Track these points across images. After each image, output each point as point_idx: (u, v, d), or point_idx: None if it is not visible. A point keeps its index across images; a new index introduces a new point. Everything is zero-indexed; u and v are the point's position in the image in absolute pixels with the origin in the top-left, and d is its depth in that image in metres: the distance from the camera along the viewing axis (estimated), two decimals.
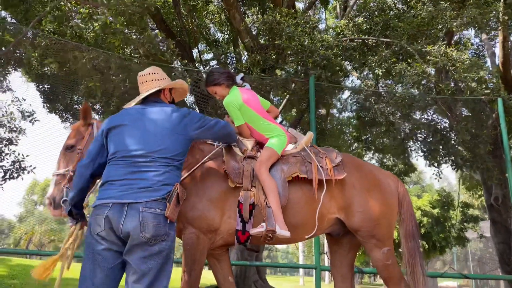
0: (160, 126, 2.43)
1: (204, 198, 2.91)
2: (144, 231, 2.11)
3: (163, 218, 2.18)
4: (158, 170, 2.28)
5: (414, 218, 3.26)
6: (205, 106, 9.28)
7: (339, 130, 12.07)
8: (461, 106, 8.32)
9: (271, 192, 2.88)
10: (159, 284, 2.12)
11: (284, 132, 3.24)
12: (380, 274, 3.09)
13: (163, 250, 2.15)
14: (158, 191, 2.22)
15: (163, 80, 2.73)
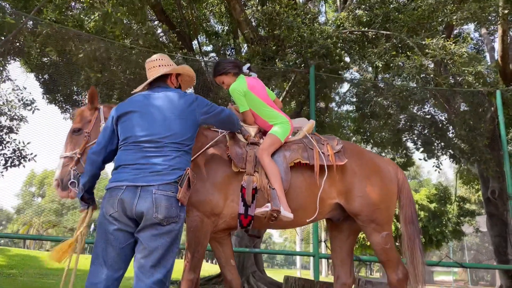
0: (168, 111, 2.47)
1: (208, 183, 2.97)
2: (157, 212, 2.19)
3: (175, 201, 2.26)
4: (168, 155, 2.35)
5: (413, 204, 3.33)
6: (205, 97, 9.30)
7: (337, 123, 12.11)
8: (459, 99, 8.37)
9: (273, 176, 2.94)
10: (166, 262, 2.20)
11: (288, 120, 3.29)
12: (379, 257, 3.16)
13: (172, 230, 2.24)
14: (169, 175, 2.29)
15: (170, 66, 2.76)
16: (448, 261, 6.80)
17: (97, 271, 2.25)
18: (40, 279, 11.36)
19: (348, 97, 12.21)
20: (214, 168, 3.04)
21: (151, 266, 2.15)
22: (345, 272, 3.39)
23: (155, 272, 2.15)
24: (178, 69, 2.80)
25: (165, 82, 2.74)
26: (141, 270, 2.17)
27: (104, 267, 2.24)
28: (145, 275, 2.15)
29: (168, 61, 2.79)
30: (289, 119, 3.33)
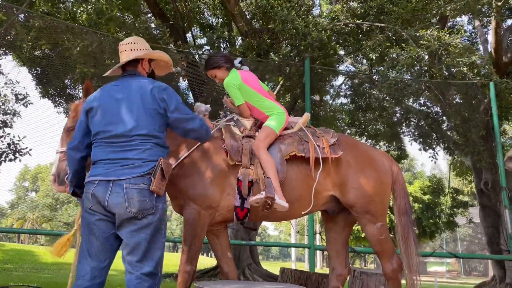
0: (135, 102, 2.38)
1: (204, 176, 2.99)
2: (130, 206, 2.16)
3: (148, 193, 2.21)
4: (139, 148, 2.29)
5: (407, 195, 3.36)
6: (199, 90, 9.29)
7: (332, 116, 12.14)
8: (453, 91, 8.42)
9: (269, 168, 2.95)
10: (152, 254, 2.19)
11: (283, 110, 3.30)
12: (374, 248, 3.19)
13: (151, 222, 2.20)
14: (141, 167, 2.24)
15: (142, 50, 2.60)
16: (441, 251, 6.88)
17: (83, 263, 2.26)
18: (35, 273, 11.37)
19: (342, 90, 12.24)
20: (210, 162, 3.05)
21: (137, 261, 2.16)
22: (341, 263, 3.43)
23: (144, 265, 2.15)
24: (149, 54, 2.64)
25: (135, 67, 2.60)
26: (129, 265, 2.19)
27: (89, 258, 2.25)
28: (134, 269, 2.17)
29: (142, 45, 2.63)
30: (284, 110, 3.34)
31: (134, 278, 2.14)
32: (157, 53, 2.69)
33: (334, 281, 3.39)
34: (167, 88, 2.48)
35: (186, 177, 3.00)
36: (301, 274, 4.35)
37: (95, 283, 2.22)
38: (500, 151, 6.34)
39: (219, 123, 3.31)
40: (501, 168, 6.23)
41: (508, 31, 11.66)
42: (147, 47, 2.66)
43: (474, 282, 16.87)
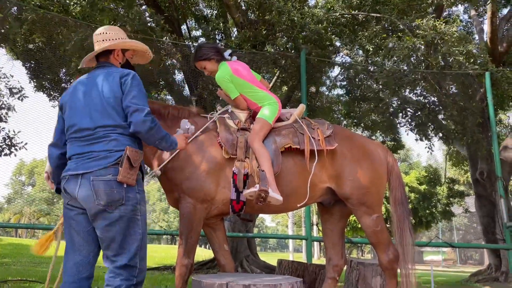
0: (99, 93, 2.32)
1: (199, 169, 2.98)
2: (98, 199, 2.13)
3: (116, 184, 2.16)
4: (104, 140, 2.24)
5: (402, 186, 3.38)
6: (194, 82, 9.25)
7: (328, 107, 12.13)
8: (449, 81, 8.42)
9: (264, 161, 2.95)
10: (129, 246, 2.15)
11: (276, 100, 3.30)
12: (370, 239, 3.21)
13: (124, 215, 2.16)
14: (106, 159, 2.19)
15: (114, 40, 2.51)
16: (437, 241, 6.93)
17: (67, 258, 2.25)
18: (33, 267, 11.37)
19: (339, 81, 12.21)
20: (205, 155, 3.04)
21: (113, 255, 2.14)
22: (337, 254, 3.45)
23: (119, 258, 2.13)
24: (119, 44, 2.53)
25: (107, 58, 2.51)
26: (106, 259, 2.18)
27: (72, 253, 2.24)
28: (109, 263, 2.16)
29: (114, 35, 2.52)
30: (277, 99, 3.33)
31: (108, 272, 2.14)
32: (129, 43, 2.59)
33: (331, 271, 3.42)
34: (129, 74, 2.36)
35: (180, 170, 2.99)
36: (299, 265, 4.38)
37: (81, 277, 2.21)
38: (496, 140, 6.36)
39: (214, 115, 3.30)
40: (497, 157, 6.26)
41: (504, 21, 11.64)
42: (122, 37, 2.55)
43: (470, 270, 17.04)
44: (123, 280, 2.10)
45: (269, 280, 2.28)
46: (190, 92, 10.05)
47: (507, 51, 10.98)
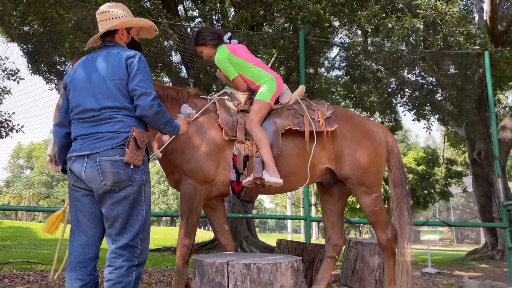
0: (104, 74, 2.30)
1: (199, 151, 2.99)
2: (104, 180, 2.14)
3: (123, 164, 2.16)
4: (110, 121, 2.23)
5: (402, 166, 3.39)
6: (191, 64, 9.18)
7: (327, 89, 12.08)
8: (448, 61, 8.36)
9: (262, 145, 2.95)
10: (131, 227, 2.17)
11: (273, 77, 3.26)
12: (369, 219, 3.25)
13: (129, 195, 2.17)
14: (113, 139, 2.19)
15: (118, 19, 2.46)
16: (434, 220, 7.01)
17: (73, 239, 2.27)
18: (34, 250, 11.49)
19: (337, 62, 12.13)
20: (205, 137, 3.05)
21: (116, 234, 2.16)
22: (336, 233, 3.49)
23: (121, 238, 2.15)
24: (123, 23, 2.48)
25: (113, 38, 2.47)
26: (109, 238, 2.20)
27: (78, 234, 2.26)
28: (111, 242, 2.18)
29: (116, 13, 2.46)
30: (275, 75, 3.30)
31: (110, 253, 2.16)
32: (132, 21, 2.54)
33: (330, 251, 3.46)
34: (135, 56, 2.33)
35: (181, 152, 3.00)
36: (297, 245, 4.43)
37: (87, 258, 2.23)
38: (494, 120, 6.36)
39: (213, 97, 3.29)
40: (495, 137, 6.27)
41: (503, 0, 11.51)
42: (125, 14, 2.50)
43: (466, 249, 17.31)
44: (125, 260, 2.12)
45: (270, 259, 2.31)
46: (187, 73, 9.98)
47: (507, 30, 10.90)
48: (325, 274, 3.43)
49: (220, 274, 2.14)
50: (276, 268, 2.15)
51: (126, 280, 2.10)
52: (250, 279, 2.11)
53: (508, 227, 5.81)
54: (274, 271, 2.14)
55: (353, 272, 5.11)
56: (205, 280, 2.18)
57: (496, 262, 10.25)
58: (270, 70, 3.34)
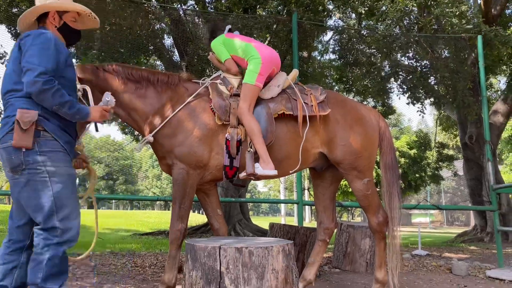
0: (12, 58, 2.29)
1: (192, 136, 2.98)
2: (5, 167, 2.21)
3: (13, 150, 2.16)
4: (7, 107, 2.25)
5: (393, 151, 3.41)
6: (184, 48, 9.07)
7: (320, 73, 12.03)
8: (442, 44, 8.33)
9: (254, 135, 2.94)
10: (41, 209, 2.18)
11: (259, 56, 3.15)
12: (360, 203, 3.28)
13: (29, 179, 2.18)
14: (6, 125, 2.21)
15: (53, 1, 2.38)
16: (425, 204, 7.08)
17: (11, 222, 2.39)
18: None
19: (331, 46, 12.05)
20: (197, 121, 3.04)
21: (34, 216, 2.23)
22: (328, 217, 3.53)
23: (37, 219, 2.20)
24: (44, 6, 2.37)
25: (44, 22, 2.42)
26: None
27: (10, 219, 2.38)
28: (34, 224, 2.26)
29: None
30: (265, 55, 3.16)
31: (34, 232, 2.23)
32: (60, 4, 2.42)
33: (322, 234, 3.50)
34: (31, 34, 2.24)
35: (172, 136, 2.99)
36: (290, 228, 4.48)
37: (11, 240, 2.35)
38: (486, 104, 6.38)
39: (206, 81, 3.27)
40: (486, 121, 6.30)
41: None
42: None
43: (456, 231, 17.59)
44: (42, 239, 2.17)
45: (261, 243, 2.33)
46: (179, 57, 9.88)
47: (500, 14, 10.87)
48: (317, 257, 3.47)
49: (212, 258, 2.16)
50: (267, 252, 2.18)
51: (40, 258, 2.15)
52: (242, 263, 2.13)
53: (497, 210, 5.89)
54: (265, 255, 2.17)
55: (345, 255, 5.20)
56: (198, 264, 2.20)
57: (485, 244, 10.44)
58: (263, 49, 3.22)
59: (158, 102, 3.12)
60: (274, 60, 3.22)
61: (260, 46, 3.26)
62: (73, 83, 2.46)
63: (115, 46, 7.88)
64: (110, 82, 3.12)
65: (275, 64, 3.24)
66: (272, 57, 3.21)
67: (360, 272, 4.99)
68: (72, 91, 2.42)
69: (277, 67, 3.27)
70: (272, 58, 3.21)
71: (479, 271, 5.27)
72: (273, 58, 3.22)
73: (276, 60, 3.24)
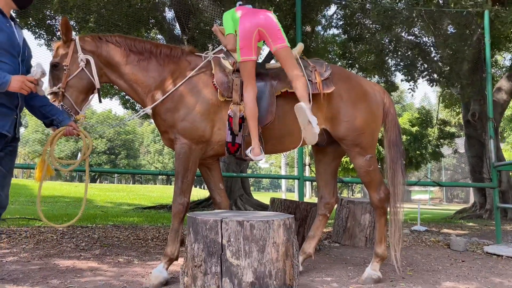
0: None
1: (194, 111, 2.97)
2: None
3: None
4: None
5: (398, 127, 3.39)
6: (186, 21, 8.93)
7: (323, 48, 11.88)
8: (446, 20, 8.18)
9: (250, 119, 2.92)
10: None
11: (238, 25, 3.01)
12: (362, 179, 3.28)
13: None
14: None
15: None
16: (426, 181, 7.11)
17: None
18: (32, 206, 11.63)
19: (334, 20, 11.85)
20: (200, 96, 3.02)
21: None
22: (329, 192, 3.54)
23: None
24: None
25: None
26: None
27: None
28: None
29: None
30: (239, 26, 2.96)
31: None
32: None
33: (322, 209, 3.53)
34: None
35: (175, 111, 2.98)
36: (290, 203, 4.51)
37: None
38: (490, 82, 6.31)
39: (208, 55, 3.22)
40: (490, 99, 6.26)
41: None
42: None
43: (455, 208, 17.74)
44: None
45: (262, 216, 2.35)
46: (181, 31, 9.74)
47: None
48: (317, 231, 3.51)
49: (214, 231, 2.18)
50: (268, 226, 2.20)
51: None
52: (243, 236, 2.15)
53: (497, 187, 5.92)
54: (266, 228, 2.19)
55: (344, 230, 5.26)
56: (199, 236, 2.23)
57: (484, 221, 10.55)
58: (242, 20, 2.99)
59: (160, 75, 3.11)
60: (250, 27, 2.92)
61: (243, 19, 3.00)
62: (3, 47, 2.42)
63: (113, 19, 7.74)
64: (112, 53, 3.12)
65: (255, 27, 2.92)
66: (248, 25, 2.92)
67: (359, 246, 5.06)
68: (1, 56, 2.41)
69: (265, 27, 2.92)
70: (248, 26, 2.92)
71: (477, 246, 5.34)
72: (250, 25, 2.92)
73: (253, 25, 2.92)
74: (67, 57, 3.00)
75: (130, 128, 47.73)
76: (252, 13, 3.04)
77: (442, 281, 3.32)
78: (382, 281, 3.17)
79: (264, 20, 2.95)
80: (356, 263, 3.96)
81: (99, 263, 3.57)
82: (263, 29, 2.93)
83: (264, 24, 2.93)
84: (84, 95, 3.05)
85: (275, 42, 2.94)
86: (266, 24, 2.94)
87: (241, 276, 2.12)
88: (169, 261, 2.94)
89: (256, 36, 2.94)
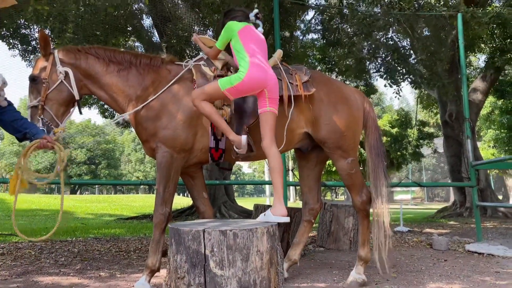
0: None
1: (175, 119, 2.94)
2: None
3: None
4: None
5: (378, 131, 3.42)
6: (163, 28, 8.88)
7: (303, 52, 11.98)
8: (422, 23, 8.35)
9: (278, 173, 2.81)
10: None
11: (245, 72, 2.78)
12: (344, 182, 3.29)
13: None
14: None
15: None
16: (407, 181, 7.20)
17: None
18: (9, 221, 11.31)
19: (313, 25, 11.97)
20: (181, 104, 2.99)
21: None
22: (313, 198, 3.54)
23: None
24: None
25: None
26: None
27: None
28: None
29: None
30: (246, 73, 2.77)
31: None
32: None
33: (307, 214, 3.52)
34: None
35: (156, 119, 2.94)
36: None
37: None
38: (465, 83, 6.46)
39: (189, 63, 3.19)
40: (465, 99, 6.39)
41: None
42: None
43: (436, 207, 18.05)
44: None
45: (246, 225, 2.33)
46: (159, 38, 9.68)
47: None
48: (302, 238, 3.50)
49: (197, 241, 2.15)
50: (252, 234, 2.17)
51: None
52: (226, 245, 2.12)
53: (476, 186, 6.03)
54: (250, 237, 2.16)
55: (329, 234, 5.27)
56: (182, 247, 2.19)
57: (464, 219, 10.74)
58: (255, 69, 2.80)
59: (140, 85, 3.07)
60: (258, 84, 2.80)
61: (257, 63, 2.84)
62: None
63: (90, 28, 7.62)
64: (92, 64, 3.08)
65: (260, 87, 2.81)
66: (259, 81, 2.79)
67: (344, 250, 5.07)
68: None
69: (269, 91, 2.82)
70: (257, 82, 2.80)
71: (458, 245, 5.42)
72: (259, 82, 2.79)
73: (261, 84, 2.80)
74: (46, 70, 2.95)
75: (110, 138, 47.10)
76: (263, 62, 2.88)
77: (425, 281, 3.34)
78: (367, 284, 3.17)
79: (273, 84, 2.84)
80: (341, 267, 3.96)
81: (80, 278, 3.47)
82: (267, 91, 2.82)
83: (271, 89, 2.83)
84: (64, 107, 2.99)
85: (269, 104, 2.82)
86: (272, 89, 2.84)
87: (225, 286, 2.09)
88: (151, 272, 2.88)
89: (252, 92, 2.86)
